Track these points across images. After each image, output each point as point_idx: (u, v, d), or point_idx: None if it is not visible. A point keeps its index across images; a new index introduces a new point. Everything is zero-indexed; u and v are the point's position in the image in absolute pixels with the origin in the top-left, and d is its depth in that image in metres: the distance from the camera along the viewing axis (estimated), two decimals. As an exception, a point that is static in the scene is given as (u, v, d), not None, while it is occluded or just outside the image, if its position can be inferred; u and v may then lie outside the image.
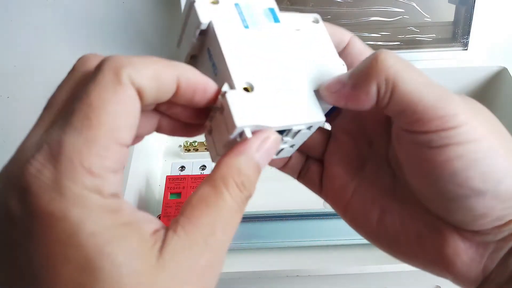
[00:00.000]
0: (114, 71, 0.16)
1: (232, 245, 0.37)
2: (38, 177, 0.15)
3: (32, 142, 0.17)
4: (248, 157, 0.18)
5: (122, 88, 0.16)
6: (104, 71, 0.16)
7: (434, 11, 0.57)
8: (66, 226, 0.15)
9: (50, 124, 0.16)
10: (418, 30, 0.58)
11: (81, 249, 0.14)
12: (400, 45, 0.58)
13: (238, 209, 0.18)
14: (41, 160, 0.15)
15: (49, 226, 0.14)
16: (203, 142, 0.51)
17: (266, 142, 0.19)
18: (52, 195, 0.15)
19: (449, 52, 0.58)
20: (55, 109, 0.17)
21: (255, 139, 0.18)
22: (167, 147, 0.53)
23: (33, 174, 0.15)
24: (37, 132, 0.17)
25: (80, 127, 0.15)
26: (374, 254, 0.44)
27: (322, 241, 0.43)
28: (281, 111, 0.20)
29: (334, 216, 0.45)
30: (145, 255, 0.15)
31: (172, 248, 0.16)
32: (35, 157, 0.15)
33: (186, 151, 0.51)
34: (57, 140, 0.15)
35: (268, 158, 0.19)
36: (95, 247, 0.15)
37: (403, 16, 0.57)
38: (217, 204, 0.17)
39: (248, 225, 0.43)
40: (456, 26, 0.58)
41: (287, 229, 0.42)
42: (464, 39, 0.57)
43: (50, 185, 0.15)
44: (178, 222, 0.17)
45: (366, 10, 0.57)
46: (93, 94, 0.16)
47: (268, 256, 0.43)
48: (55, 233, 0.14)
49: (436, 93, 0.19)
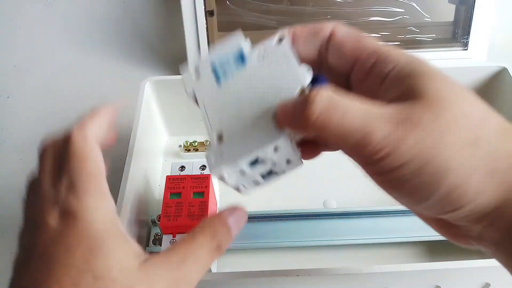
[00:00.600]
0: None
1: (232, 245, 0.37)
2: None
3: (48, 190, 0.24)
4: (222, 219, 0.25)
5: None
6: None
7: (434, 11, 0.57)
8: (83, 225, 0.22)
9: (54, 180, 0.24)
10: (418, 30, 0.58)
11: (90, 240, 0.22)
12: (400, 45, 0.58)
13: (208, 250, 0.24)
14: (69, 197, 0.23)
15: (69, 227, 0.22)
16: (203, 142, 0.51)
17: (236, 211, 0.25)
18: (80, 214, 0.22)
19: (449, 52, 0.58)
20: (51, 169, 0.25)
21: (229, 211, 0.25)
22: (167, 147, 0.53)
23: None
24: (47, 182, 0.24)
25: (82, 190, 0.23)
26: (374, 254, 0.44)
27: (322, 241, 0.43)
28: (247, 144, 0.23)
29: (334, 216, 0.45)
30: (133, 259, 0.22)
31: (152, 261, 0.22)
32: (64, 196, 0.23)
33: (186, 151, 0.51)
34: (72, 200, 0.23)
35: (237, 224, 0.25)
36: (101, 243, 0.22)
37: (403, 16, 0.57)
38: (192, 241, 0.23)
39: (248, 225, 0.42)
40: (456, 26, 0.58)
41: (287, 229, 0.42)
42: (464, 39, 0.57)
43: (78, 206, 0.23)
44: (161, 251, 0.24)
45: (366, 10, 0.57)
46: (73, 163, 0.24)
47: (268, 256, 0.43)
48: (74, 231, 0.22)
49: (357, 122, 0.20)
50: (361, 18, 0.57)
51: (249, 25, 0.57)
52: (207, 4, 0.55)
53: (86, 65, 0.66)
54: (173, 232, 0.36)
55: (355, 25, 0.57)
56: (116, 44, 0.67)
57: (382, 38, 0.58)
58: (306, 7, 0.57)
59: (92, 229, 0.22)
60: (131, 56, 0.67)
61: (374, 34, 0.57)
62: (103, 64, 0.66)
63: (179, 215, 0.36)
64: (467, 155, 0.20)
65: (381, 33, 0.58)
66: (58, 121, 0.58)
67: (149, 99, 0.47)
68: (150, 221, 0.42)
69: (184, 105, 0.50)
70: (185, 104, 0.50)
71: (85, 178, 0.23)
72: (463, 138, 0.20)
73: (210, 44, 0.57)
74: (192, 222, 0.36)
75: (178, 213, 0.36)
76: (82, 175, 0.23)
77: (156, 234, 0.42)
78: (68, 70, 0.65)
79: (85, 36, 0.68)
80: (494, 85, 0.48)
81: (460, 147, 0.20)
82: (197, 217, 0.36)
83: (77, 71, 0.65)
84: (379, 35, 0.58)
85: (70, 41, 0.68)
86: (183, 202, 0.37)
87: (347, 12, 0.57)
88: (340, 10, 0.57)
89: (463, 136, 0.20)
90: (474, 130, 0.20)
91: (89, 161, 0.24)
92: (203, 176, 0.39)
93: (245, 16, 0.57)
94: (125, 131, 0.47)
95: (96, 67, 0.66)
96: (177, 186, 0.38)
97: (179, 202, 0.37)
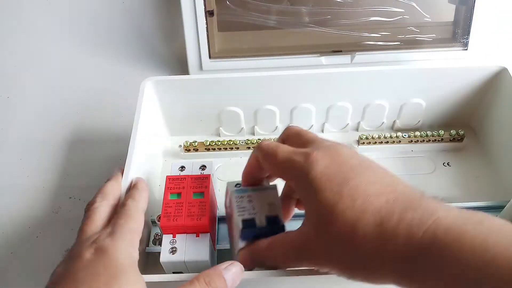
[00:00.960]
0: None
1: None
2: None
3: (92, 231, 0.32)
4: (218, 271, 0.30)
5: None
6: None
7: (434, 11, 0.57)
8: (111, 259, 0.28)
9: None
10: (418, 30, 0.58)
11: (114, 270, 0.28)
12: (400, 45, 0.58)
13: None
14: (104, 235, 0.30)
15: (101, 259, 0.28)
16: (203, 142, 0.51)
17: (232, 267, 0.30)
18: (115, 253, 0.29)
19: (449, 52, 0.58)
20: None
21: (226, 265, 0.30)
22: (167, 147, 0.53)
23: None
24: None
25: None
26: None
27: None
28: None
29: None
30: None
31: None
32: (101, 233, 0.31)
33: (186, 151, 0.51)
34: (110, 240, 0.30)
35: (233, 281, 0.30)
36: (123, 274, 0.28)
37: (403, 16, 0.57)
38: (189, 286, 0.28)
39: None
40: (456, 26, 0.58)
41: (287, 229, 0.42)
42: (464, 39, 0.57)
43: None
44: None
45: (366, 10, 0.57)
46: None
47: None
48: (105, 262, 0.28)
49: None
50: (361, 18, 0.57)
51: (249, 25, 0.57)
52: (207, 4, 0.55)
53: (86, 65, 0.66)
54: (173, 232, 0.36)
55: (355, 25, 0.57)
56: (116, 44, 0.67)
57: (382, 38, 0.58)
58: (306, 7, 0.57)
59: (118, 262, 0.28)
60: (131, 56, 0.67)
61: (374, 34, 0.58)
62: (103, 64, 0.66)
63: (179, 215, 0.36)
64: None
65: (381, 33, 0.58)
66: (58, 121, 0.58)
67: (149, 99, 0.47)
68: (150, 221, 0.42)
69: (184, 105, 0.50)
70: (185, 104, 0.50)
71: (125, 231, 0.30)
72: (337, 236, 0.26)
73: (210, 44, 0.57)
74: (192, 222, 0.36)
75: (178, 213, 0.36)
76: (124, 228, 0.31)
77: (156, 234, 0.42)
78: (68, 70, 0.65)
79: (85, 36, 0.68)
80: (494, 85, 0.48)
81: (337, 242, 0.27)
82: (197, 217, 0.36)
83: (77, 71, 0.65)
84: (379, 35, 0.58)
85: (70, 41, 0.68)
86: (183, 202, 0.37)
87: (347, 12, 0.57)
88: (340, 10, 0.57)
89: (337, 236, 0.26)
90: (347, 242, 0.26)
91: (134, 221, 0.32)
92: (203, 176, 0.39)
93: (245, 16, 0.57)
94: (125, 131, 0.47)
95: (96, 67, 0.66)
96: (177, 186, 0.38)
97: (179, 202, 0.37)
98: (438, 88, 0.49)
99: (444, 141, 0.50)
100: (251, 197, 0.33)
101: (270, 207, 0.33)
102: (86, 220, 0.32)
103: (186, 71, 0.60)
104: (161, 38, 0.67)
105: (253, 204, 0.33)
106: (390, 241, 0.24)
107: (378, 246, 0.25)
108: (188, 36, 0.57)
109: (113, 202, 0.34)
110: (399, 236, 0.24)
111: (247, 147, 0.51)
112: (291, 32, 0.58)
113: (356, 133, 0.53)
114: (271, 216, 0.32)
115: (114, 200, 0.35)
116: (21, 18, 0.67)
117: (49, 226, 0.47)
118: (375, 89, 0.49)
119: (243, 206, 0.33)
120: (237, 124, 0.52)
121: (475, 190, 0.47)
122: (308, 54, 0.58)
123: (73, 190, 0.50)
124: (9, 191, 0.51)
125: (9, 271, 0.44)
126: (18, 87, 0.64)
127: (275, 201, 0.33)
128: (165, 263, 0.35)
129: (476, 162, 0.50)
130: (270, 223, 0.32)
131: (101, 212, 0.33)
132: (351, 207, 0.26)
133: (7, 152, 0.55)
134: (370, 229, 0.25)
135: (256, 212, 0.33)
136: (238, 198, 0.33)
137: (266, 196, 0.34)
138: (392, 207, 0.25)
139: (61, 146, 0.55)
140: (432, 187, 0.47)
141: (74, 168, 0.53)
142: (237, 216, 0.32)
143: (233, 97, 0.49)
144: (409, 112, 0.51)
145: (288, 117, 0.51)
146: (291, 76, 0.47)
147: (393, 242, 0.24)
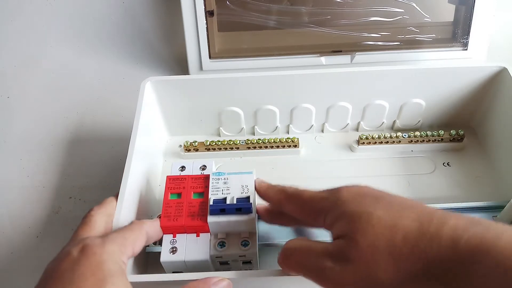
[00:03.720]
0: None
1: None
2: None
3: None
4: (207, 283, 0.30)
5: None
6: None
7: (434, 11, 0.57)
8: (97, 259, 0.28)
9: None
10: (418, 30, 0.58)
11: (102, 273, 0.27)
12: (400, 45, 0.58)
13: None
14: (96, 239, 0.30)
15: (87, 259, 0.28)
16: (203, 142, 0.51)
17: (221, 282, 0.31)
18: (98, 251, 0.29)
19: (449, 52, 0.58)
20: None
21: (215, 279, 0.31)
22: (167, 147, 0.53)
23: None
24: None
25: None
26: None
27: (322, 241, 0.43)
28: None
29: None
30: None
31: None
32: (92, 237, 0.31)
33: (186, 151, 0.51)
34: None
35: None
36: (110, 277, 0.27)
37: (403, 16, 0.57)
38: None
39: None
40: (456, 26, 0.58)
41: (287, 229, 0.42)
42: (464, 39, 0.57)
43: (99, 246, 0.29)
44: None
45: (366, 10, 0.57)
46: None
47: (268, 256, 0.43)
48: (91, 263, 0.28)
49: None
50: (361, 18, 0.57)
51: (249, 25, 0.57)
52: (207, 4, 0.55)
53: (86, 65, 0.66)
54: (173, 232, 0.36)
55: (355, 25, 0.57)
56: (116, 44, 0.67)
57: (382, 38, 0.58)
58: (306, 7, 0.57)
59: (105, 266, 0.28)
60: (131, 56, 0.67)
61: (374, 34, 0.58)
62: (103, 64, 0.66)
63: (179, 215, 0.36)
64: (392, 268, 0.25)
65: (381, 33, 0.58)
66: (58, 121, 0.58)
67: (149, 99, 0.47)
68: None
69: (184, 105, 0.50)
70: (185, 104, 0.50)
71: (118, 236, 0.31)
72: (383, 253, 0.25)
73: (210, 44, 0.57)
74: (192, 222, 0.36)
75: (178, 213, 0.36)
76: (118, 234, 0.31)
77: (156, 234, 0.42)
78: (68, 70, 0.65)
79: (85, 36, 0.68)
80: (494, 85, 0.48)
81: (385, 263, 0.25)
82: (197, 217, 0.36)
83: (77, 71, 0.65)
84: (379, 35, 0.58)
85: (70, 41, 0.68)
86: (183, 202, 0.37)
87: (347, 12, 0.57)
88: (340, 10, 0.57)
89: (383, 252, 0.25)
90: (388, 242, 0.25)
91: (131, 232, 0.32)
92: (203, 176, 0.39)
93: (245, 16, 0.57)
94: (125, 131, 0.47)
95: (96, 67, 0.66)
96: (177, 186, 0.38)
97: (179, 202, 0.37)
98: (438, 88, 0.49)
99: (444, 141, 0.50)
100: (227, 179, 0.38)
101: (243, 188, 0.37)
102: (82, 225, 0.33)
103: (186, 71, 0.60)
104: (161, 38, 0.67)
105: (227, 185, 0.37)
106: (433, 242, 0.24)
107: (420, 245, 0.24)
108: (188, 36, 0.57)
109: (110, 211, 0.35)
110: (442, 238, 0.24)
111: (247, 147, 0.51)
112: (291, 32, 0.58)
113: (356, 133, 0.53)
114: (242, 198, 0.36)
115: (111, 210, 0.35)
116: (21, 18, 0.67)
117: (49, 226, 0.47)
118: (375, 89, 0.49)
119: (218, 187, 0.37)
120: (237, 124, 0.52)
121: (475, 190, 0.47)
122: (308, 54, 0.58)
123: (73, 190, 0.50)
124: (9, 191, 0.51)
125: (9, 271, 0.44)
126: (18, 87, 0.64)
127: (248, 184, 0.37)
128: (165, 263, 0.35)
129: (476, 162, 0.50)
130: (240, 201, 0.36)
131: (97, 220, 0.33)
132: (388, 212, 0.27)
133: (7, 152, 0.55)
134: (412, 229, 0.25)
135: (229, 192, 0.37)
136: (214, 180, 0.38)
137: (241, 179, 0.38)
138: (430, 214, 0.26)
139: (61, 146, 0.55)
140: (432, 187, 0.47)
141: (74, 168, 0.53)
142: (210, 195, 0.37)
143: (233, 97, 0.49)
144: (409, 112, 0.51)
145: (288, 117, 0.52)
146: (291, 76, 0.47)
147: (436, 242, 0.24)
